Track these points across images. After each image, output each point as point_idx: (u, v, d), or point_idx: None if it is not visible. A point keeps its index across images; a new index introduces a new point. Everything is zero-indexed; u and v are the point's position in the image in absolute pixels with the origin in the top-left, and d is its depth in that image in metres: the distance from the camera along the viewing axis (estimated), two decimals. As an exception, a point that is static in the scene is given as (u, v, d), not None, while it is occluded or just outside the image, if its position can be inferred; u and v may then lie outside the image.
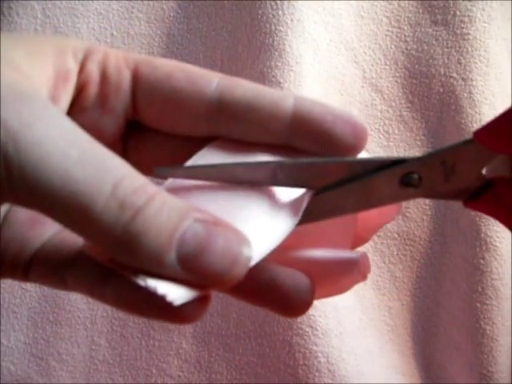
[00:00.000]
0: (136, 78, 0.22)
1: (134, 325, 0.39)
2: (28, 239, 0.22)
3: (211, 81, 0.21)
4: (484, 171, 0.22)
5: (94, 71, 0.22)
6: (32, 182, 0.16)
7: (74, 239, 0.21)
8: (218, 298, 0.38)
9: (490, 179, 0.22)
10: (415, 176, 0.22)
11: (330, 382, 0.36)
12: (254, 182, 0.20)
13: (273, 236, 0.19)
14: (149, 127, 0.23)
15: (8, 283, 0.39)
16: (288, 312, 0.20)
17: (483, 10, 0.38)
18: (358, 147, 0.20)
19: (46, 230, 0.22)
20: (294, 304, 0.20)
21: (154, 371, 0.38)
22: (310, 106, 0.20)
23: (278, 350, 0.37)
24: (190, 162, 0.21)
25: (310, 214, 0.21)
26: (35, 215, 0.22)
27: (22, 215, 0.22)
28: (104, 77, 0.22)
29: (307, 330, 0.36)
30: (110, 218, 0.16)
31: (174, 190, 0.20)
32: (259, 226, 0.19)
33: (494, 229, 0.37)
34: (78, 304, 0.39)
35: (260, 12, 0.37)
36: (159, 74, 0.21)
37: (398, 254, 0.39)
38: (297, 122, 0.20)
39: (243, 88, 0.21)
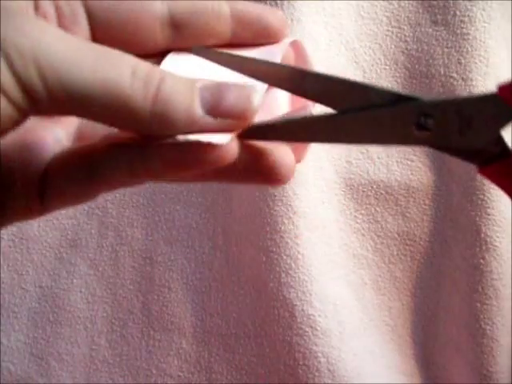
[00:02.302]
0: (88, 8, 0.23)
1: (133, 325, 0.39)
2: (36, 151, 0.23)
3: None
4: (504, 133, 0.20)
5: (48, 7, 0.23)
6: (69, 84, 0.18)
7: (88, 138, 0.24)
8: (217, 299, 0.38)
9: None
10: (430, 120, 0.21)
11: (329, 382, 0.36)
12: (275, 82, 0.23)
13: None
14: None
15: (8, 283, 0.39)
16: (277, 181, 0.23)
17: (483, 10, 0.38)
18: (281, 31, 0.24)
19: (50, 143, 0.24)
20: (287, 172, 0.23)
21: (154, 371, 0.38)
22: (244, 7, 0.24)
23: (277, 350, 0.37)
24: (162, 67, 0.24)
25: (321, 133, 0.22)
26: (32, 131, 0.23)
27: (20, 135, 0.23)
28: (59, 12, 0.23)
29: (307, 330, 0.36)
30: (139, 96, 0.19)
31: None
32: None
33: (494, 229, 0.37)
34: (78, 304, 0.39)
35: (260, 12, 0.37)
36: (109, 1, 0.23)
37: (397, 254, 0.39)
38: (236, 21, 0.24)
39: (185, 1, 0.24)
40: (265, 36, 0.24)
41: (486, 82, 0.38)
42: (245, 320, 0.38)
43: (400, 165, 0.39)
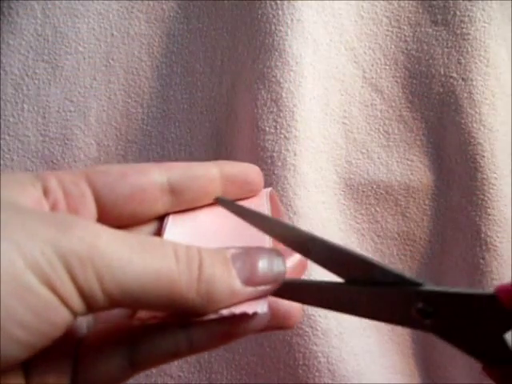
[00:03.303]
0: (94, 186, 0.24)
1: (133, 325, 0.39)
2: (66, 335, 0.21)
3: (154, 169, 0.25)
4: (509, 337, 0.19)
5: (57, 192, 0.23)
6: (124, 283, 0.19)
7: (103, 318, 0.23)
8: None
9: None
10: (430, 308, 0.20)
11: (329, 382, 0.36)
12: (285, 242, 0.23)
13: None
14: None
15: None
16: (290, 326, 0.25)
17: (483, 10, 0.38)
18: (261, 183, 0.27)
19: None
20: (295, 319, 0.24)
21: (154, 371, 0.38)
22: (229, 167, 0.26)
23: (278, 350, 0.37)
24: (164, 237, 0.25)
25: (328, 300, 0.22)
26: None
27: None
28: (66, 194, 0.23)
29: (307, 330, 0.36)
30: (185, 280, 0.20)
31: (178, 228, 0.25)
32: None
33: (494, 229, 0.37)
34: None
35: (260, 12, 0.37)
36: (113, 177, 0.24)
37: (397, 254, 0.39)
38: (225, 180, 0.26)
39: (180, 167, 0.25)
40: (248, 190, 0.26)
41: (486, 82, 0.38)
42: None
43: (400, 165, 0.39)
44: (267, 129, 0.36)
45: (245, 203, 0.26)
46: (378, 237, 0.39)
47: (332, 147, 0.39)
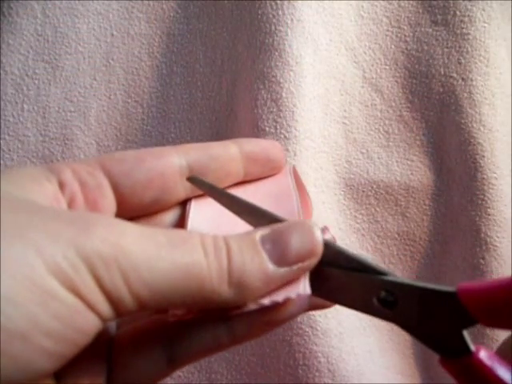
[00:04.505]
0: (110, 175, 0.23)
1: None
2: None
3: (172, 152, 0.24)
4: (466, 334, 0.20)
5: (73, 185, 0.22)
6: (153, 282, 0.18)
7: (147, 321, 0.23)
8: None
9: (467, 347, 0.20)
10: (391, 298, 0.21)
11: (329, 382, 0.36)
12: (255, 226, 0.23)
13: None
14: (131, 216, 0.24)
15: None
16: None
17: (483, 10, 0.38)
18: (283, 160, 0.26)
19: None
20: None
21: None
22: (250, 145, 0.25)
23: (277, 350, 0.37)
24: (189, 224, 0.24)
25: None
26: None
27: None
28: (83, 186, 0.22)
29: (307, 330, 0.36)
30: (215, 273, 0.19)
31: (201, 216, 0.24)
32: None
33: (494, 229, 0.37)
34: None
35: (260, 12, 0.37)
36: (129, 163, 0.23)
37: (397, 254, 0.39)
38: (246, 159, 0.25)
39: (198, 148, 0.24)
40: (271, 168, 0.25)
41: (486, 82, 0.38)
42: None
43: (400, 165, 0.39)
44: (267, 129, 0.36)
45: (269, 181, 0.25)
46: (378, 237, 0.39)
47: (332, 147, 0.39)
